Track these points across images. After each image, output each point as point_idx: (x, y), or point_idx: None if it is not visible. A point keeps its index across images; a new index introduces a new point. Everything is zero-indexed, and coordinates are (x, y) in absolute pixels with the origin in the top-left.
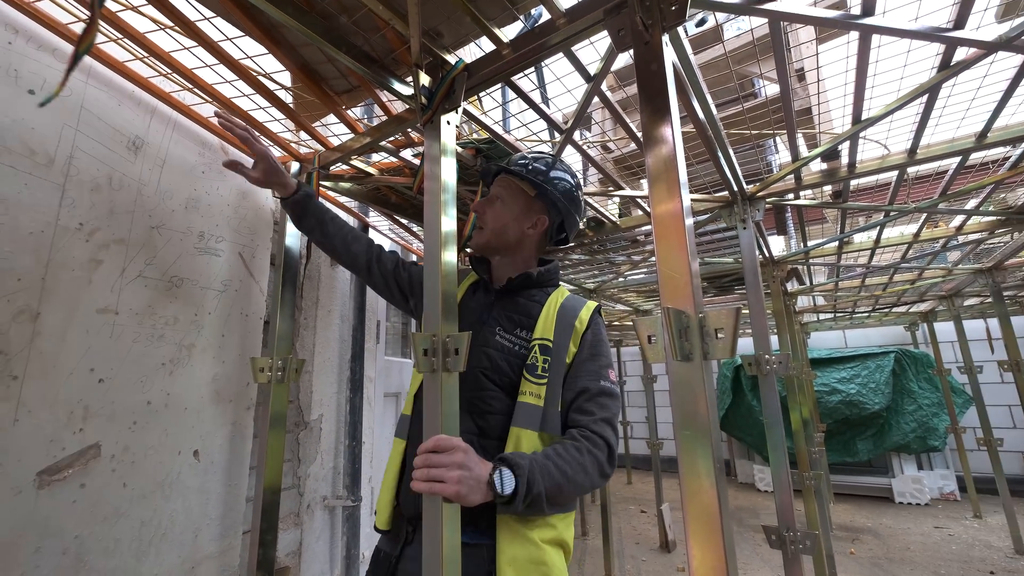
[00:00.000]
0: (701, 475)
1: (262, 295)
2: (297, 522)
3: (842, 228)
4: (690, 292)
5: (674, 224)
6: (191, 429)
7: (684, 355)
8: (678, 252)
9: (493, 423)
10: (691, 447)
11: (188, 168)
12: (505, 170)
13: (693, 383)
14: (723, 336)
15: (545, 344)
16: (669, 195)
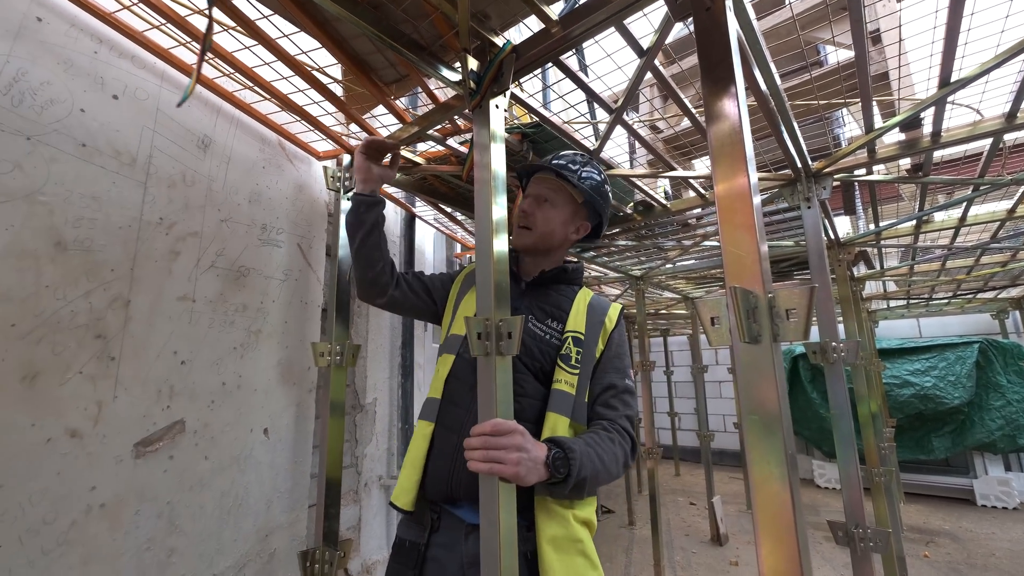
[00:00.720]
0: (771, 463)
1: (319, 284)
2: (356, 499)
3: (921, 206)
4: (758, 271)
5: (740, 201)
6: (260, 409)
7: (752, 337)
8: (744, 231)
9: (526, 406)
10: (759, 434)
11: (250, 164)
12: (556, 172)
13: (762, 366)
14: (795, 317)
15: (578, 336)
16: (734, 171)
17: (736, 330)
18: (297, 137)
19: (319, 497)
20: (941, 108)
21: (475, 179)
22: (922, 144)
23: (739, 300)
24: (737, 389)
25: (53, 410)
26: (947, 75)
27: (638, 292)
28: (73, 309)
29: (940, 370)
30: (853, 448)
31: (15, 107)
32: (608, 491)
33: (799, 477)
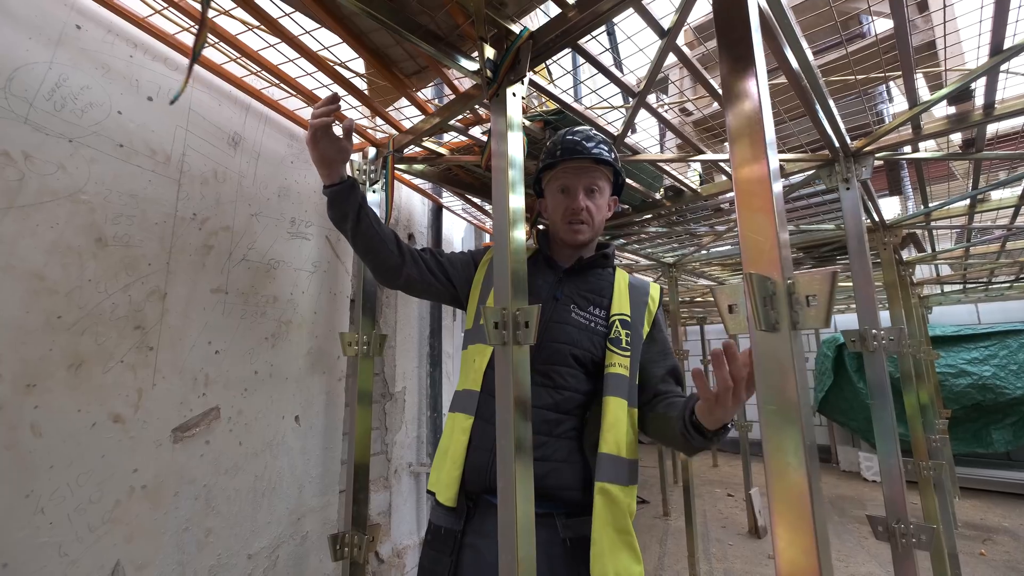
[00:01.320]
0: (788, 453)
1: (347, 275)
2: (386, 485)
3: (975, 184)
4: (776, 256)
5: (759, 185)
6: (292, 397)
7: (769, 325)
8: (762, 215)
9: (568, 398)
10: (777, 424)
11: (279, 159)
12: (592, 159)
13: (780, 355)
14: (815, 304)
15: (624, 319)
16: (753, 153)
17: (753, 318)
18: None
19: (348, 483)
20: (994, 78)
21: (492, 168)
22: (973, 118)
23: (755, 287)
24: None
25: (97, 397)
26: (999, 42)
27: (671, 279)
28: (114, 302)
29: (1001, 358)
30: (894, 440)
31: (57, 111)
32: (642, 481)
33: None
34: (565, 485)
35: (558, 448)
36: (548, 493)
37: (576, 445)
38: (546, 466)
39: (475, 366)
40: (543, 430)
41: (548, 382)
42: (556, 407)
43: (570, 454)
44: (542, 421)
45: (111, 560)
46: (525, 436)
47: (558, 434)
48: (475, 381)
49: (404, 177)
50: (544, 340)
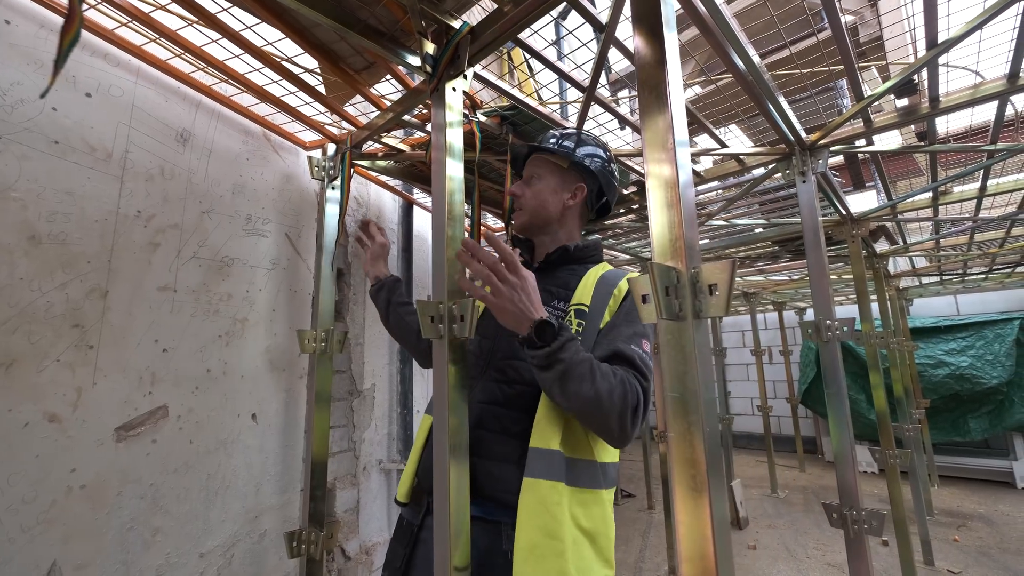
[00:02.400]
0: (691, 440)
1: (309, 272)
2: (354, 482)
3: (933, 177)
4: (681, 246)
5: (661, 174)
6: (248, 395)
7: (672, 313)
8: (669, 209)
9: (519, 392)
10: (678, 411)
11: (233, 156)
12: (536, 148)
13: (683, 343)
14: (718, 293)
15: (580, 309)
16: (659, 142)
17: (656, 307)
18: (282, 128)
19: (305, 480)
20: (935, 71)
21: (432, 162)
22: (921, 110)
23: (657, 277)
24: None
25: (30, 396)
26: (933, 36)
27: None
28: (49, 300)
29: (977, 349)
30: (846, 427)
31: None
32: (631, 475)
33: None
34: (511, 487)
35: (511, 448)
36: (495, 496)
37: None
38: (493, 466)
39: None
40: (496, 427)
41: (501, 376)
42: (508, 402)
43: (523, 456)
44: (493, 418)
45: (47, 560)
46: (460, 435)
47: (514, 433)
48: None
49: (371, 175)
50: (502, 335)
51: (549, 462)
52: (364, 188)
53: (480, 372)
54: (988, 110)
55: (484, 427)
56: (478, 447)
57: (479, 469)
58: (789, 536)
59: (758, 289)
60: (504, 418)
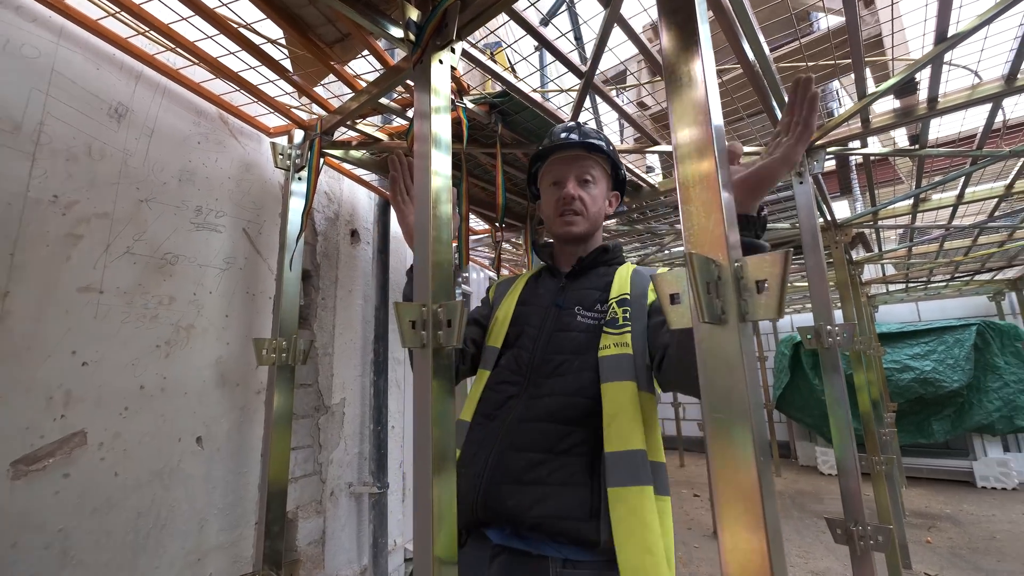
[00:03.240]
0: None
1: (270, 273)
2: (319, 510)
3: (918, 183)
4: (722, 233)
5: (697, 147)
6: (192, 415)
7: (714, 316)
8: (706, 187)
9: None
10: (724, 434)
11: (181, 138)
12: (585, 146)
13: (727, 353)
14: (767, 290)
15: (623, 298)
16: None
17: (696, 307)
18: (242, 110)
19: (260, 513)
20: (938, 69)
21: (415, 149)
22: (918, 111)
23: (697, 270)
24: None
25: None
26: (943, 29)
27: None
28: None
29: (939, 353)
30: (851, 438)
31: None
32: None
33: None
34: (562, 512)
35: (557, 468)
36: (539, 524)
37: (585, 464)
38: (538, 491)
39: (472, 394)
40: (541, 446)
41: (546, 391)
42: (553, 417)
43: (573, 475)
44: (539, 436)
45: None
46: (446, 451)
47: (560, 450)
48: (468, 411)
49: (344, 167)
50: (546, 353)
51: (632, 464)
52: (336, 183)
53: (520, 390)
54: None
55: (526, 448)
56: (519, 471)
57: (523, 495)
58: None
59: None
60: (551, 435)
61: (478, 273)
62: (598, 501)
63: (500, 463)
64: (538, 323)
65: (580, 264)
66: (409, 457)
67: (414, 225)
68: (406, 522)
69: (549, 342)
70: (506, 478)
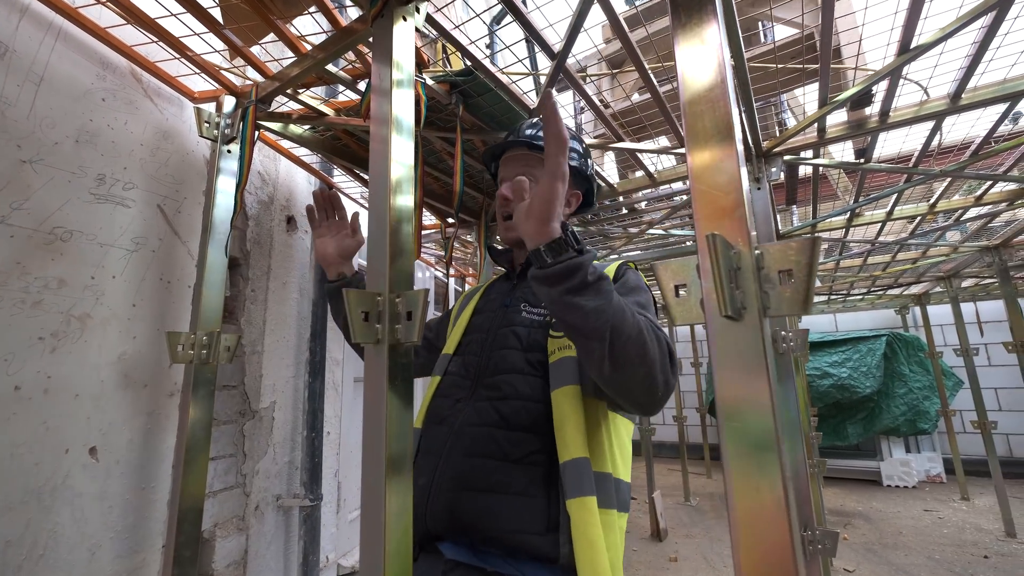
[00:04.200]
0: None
1: (191, 259)
2: (241, 527)
3: (856, 197)
4: (744, 213)
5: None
6: (85, 421)
7: (736, 309)
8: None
9: (517, 409)
10: (744, 449)
11: (81, 92)
12: (528, 145)
13: (747, 352)
14: (793, 281)
15: None
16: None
17: (716, 299)
18: (159, 68)
19: (168, 535)
20: (895, 82)
21: (371, 131)
22: (870, 124)
23: (720, 255)
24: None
25: None
26: (908, 40)
27: None
28: None
29: (854, 361)
30: (803, 443)
31: None
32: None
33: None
34: (517, 526)
35: (512, 477)
36: (493, 538)
37: (542, 474)
38: (492, 502)
39: (423, 402)
40: (495, 453)
41: (495, 394)
42: (505, 422)
43: (529, 485)
44: (491, 443)
45: None
46: (402, 461)
47: (515, 459)
48: (419, 418)
49: (282, 146)
50: (492, 351)
51: (576, 473)
52: (272, 162)
53: (468, 393)
54: (915, 140)
55: (477, 454)
56: (471, 479)
57: (476, 505)
58: (706, 545)
59: None
60: (503, 441)
61: (424, 272)
62: (556, 513)
63: (451, 470)
64: (487, 326)
65: (528, 262)
66: (345, 465)
67: (368, 216)
68: (340, 536)
69: (495, 340)
70: (457, 486)
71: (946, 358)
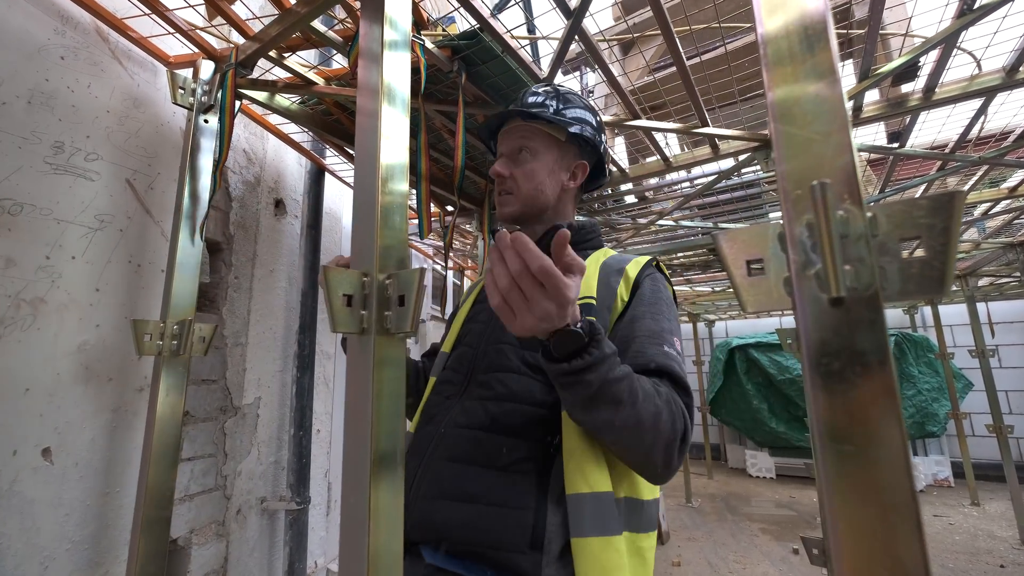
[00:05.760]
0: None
1: (164, 239)
2: (221, 532)
3: (883, 187)
4: (851, 160)
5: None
6: (38, 419)
7: (848, 287)
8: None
9: (509, 411)
10: (855, 481)
11: (34, 47)
12: (522, 115)
13: (860, 348)
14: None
15: (587, 303)
16: None
17: (828, 275)
18: (131, 27)
19: (131, 546)
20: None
21: (359, 85)
22: (911, 102)
23: (829, 210)
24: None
25: None
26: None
27: None
28: None
29: None
30: None
31: None
32: None
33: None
34: (496, 541)
35: (496, 486)
36: (473, 551)
37: (533, 483)
38: (472, 512)
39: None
40: (479, 459)
41: (487, 393)
42: (494, 424)
43: (514, 496)
44: (475, 447)
45: None
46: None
47: (501, 465)
48: (415, 422)
49: (270, 123)
50: (488, 344)
51: (597, 509)
52: (259, 141)
53: (460, 390)
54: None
55: (459, 459)
56: (450, 485)
57: (454, 514)
58: (709, 549)
59: (679, 300)
60: (488, 445)
61: (422, 264)
62: (542, 530)
63: (430, 476)
64: (487, 317)
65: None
66: (337, 465)
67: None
68: (330, 540)
69: (492, 332)
70: (435, 494)
71: (957, 359)
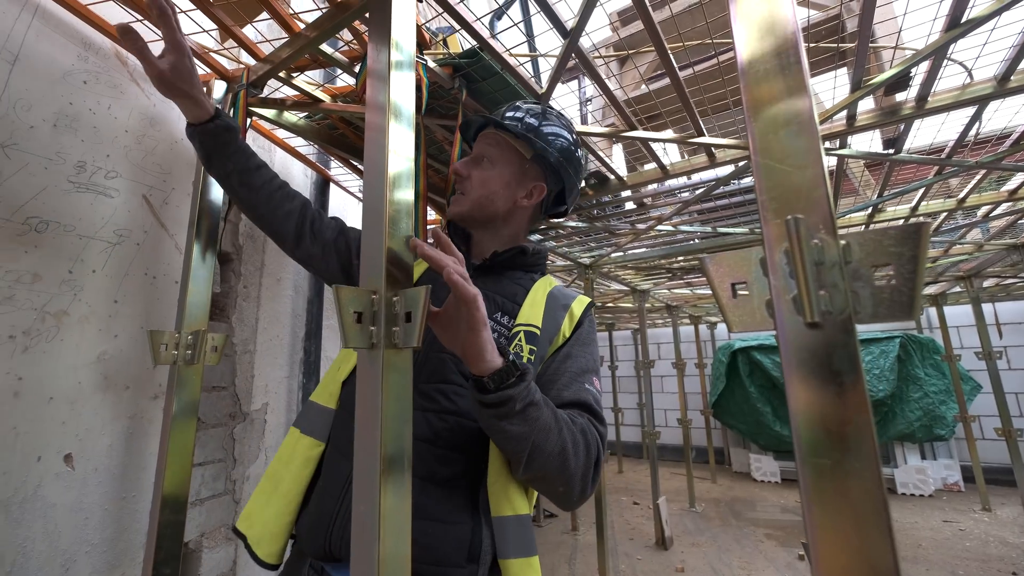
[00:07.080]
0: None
1: (178, 252)
2: (231, 536)
3: (881, 192)
4: (825, 193)
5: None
6: (60, 426)
7: (822, 314)
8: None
9: (452, 426)
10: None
11: (60, 73)
12: (494, 123)
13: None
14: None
15: (531, 331)
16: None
17: (802, 300)
18: None
19: (147, 550)
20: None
21: (367, 103)
22: (904, 110)
23: (803, 243)
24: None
25: None
26: (959, 13)
27: (587, 282)
28: None
29: (867, 364)
30: None
31: None
32: None
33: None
34: (434, 557)
35: (438, 500)
36: (415, 569)
37: (467, 498)
38: (417, 526)
39: (335, 373)
40: (418, 472)
41: (429, 404)
42: (436, 438)
43: (452, 510)
44: (416, 460)
45: None
46: (401, 493)
47: (441, 479)
48: (332, 395)
49: (277, 136)
50: (429, 350)
51: (520, 531)
52: (267, 154)
53: None
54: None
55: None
56: None
57: None
58: (713, 554)
59: (680, 303)
60: (429, 459)
61: None
62: (479, 544)
63: None
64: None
65: (494, 259)
66: None
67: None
68: None
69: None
70: None
71: (965, 361)
